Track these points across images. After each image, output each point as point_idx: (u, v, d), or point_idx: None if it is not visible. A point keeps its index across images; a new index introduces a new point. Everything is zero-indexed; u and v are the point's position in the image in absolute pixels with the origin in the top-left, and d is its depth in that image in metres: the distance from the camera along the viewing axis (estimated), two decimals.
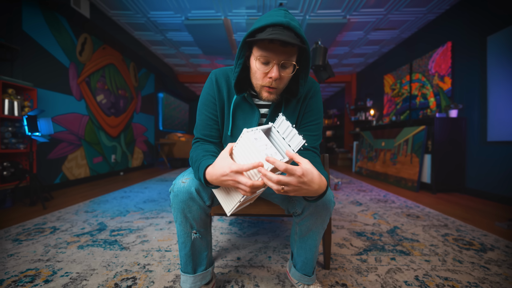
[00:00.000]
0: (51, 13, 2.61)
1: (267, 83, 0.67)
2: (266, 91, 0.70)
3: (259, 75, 0.68)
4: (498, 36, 2.30)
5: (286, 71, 0.67)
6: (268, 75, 0.66)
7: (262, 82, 0.68)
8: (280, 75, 0.66)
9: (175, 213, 0.72)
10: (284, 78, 0.68)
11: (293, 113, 0.79)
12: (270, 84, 0.67)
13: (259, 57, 0.65)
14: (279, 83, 0.68)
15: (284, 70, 0.66)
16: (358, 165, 4.25)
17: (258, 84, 0.70)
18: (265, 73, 0.67)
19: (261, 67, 0.66)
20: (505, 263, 1.09)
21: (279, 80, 0.67)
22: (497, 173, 2.29)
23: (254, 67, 0.68)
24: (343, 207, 2.02)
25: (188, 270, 0.78)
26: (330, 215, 0.74)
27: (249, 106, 0.78)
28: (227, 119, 0.79)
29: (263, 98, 0.72)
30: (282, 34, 0.59)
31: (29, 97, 2.24)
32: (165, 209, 1.93)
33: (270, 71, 0.65)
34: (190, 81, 6.08)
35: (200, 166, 0.65)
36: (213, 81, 0.78)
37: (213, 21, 3.32)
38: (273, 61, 0.64)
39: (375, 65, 4.86)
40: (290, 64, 0.66)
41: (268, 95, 0.70)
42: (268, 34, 0.60)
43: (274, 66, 0.64)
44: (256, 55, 0.65)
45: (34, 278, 0.95)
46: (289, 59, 0.64)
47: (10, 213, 1.79)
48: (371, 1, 2.83)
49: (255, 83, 0.71)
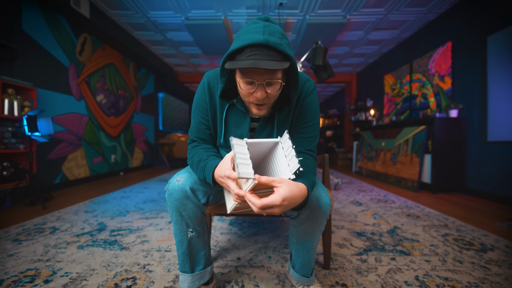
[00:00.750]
0: (51, 13, 2.61)
1: (254, 101, 0.65)
2: (254, 107, 0.68)
3: (245, 94, 0.65)
4: (498, 36, 2.30)
5: (272, 87, 0.63)
6: (253, 95, 0.64)
7: (249, 100, 0.67)
8: (267, 93, 0.63)
9: (171, 212, 0.73)
10: (271, 95, 0.65)
11: (287, 117, 0.76)
12: (258, 102, 0.65)
13: (242, 80, 0.62)
14: (267, 100, 0.66)
15: (270, 87, 0.63)
16: (358, 165, 4.25)
17: (246, 101, 0.69)
18: (250, 93, 0.64)
19: (245, 87, 0.63)
20: (505, 263, 1.09)
21: (266, 98, 0.65)
22: (497, 173, 2.29)
23: (239, 86, 0.65)
24: (343, 207, 2.02)
25: (186, 269, 0.78)
26: (327, 218, 0.73)
27: (241, 112, 0.76)
28: (219, 125, 0.78)
29: (253, 113, 0.70)
30: (261, 54, 0.56)
31: (29, 97, 2.24)
32: (165, 209, 1.93)
33: (255, 91, 0.62)
34: (190, 81, 6.08)
35: (206, 166, 0.66)
36: (205, 86, 0.76)
37: (213, 21, 3.32)
38: (257, 82, 0.61)
39: (375, 65, 4.86)
40: (276, 82, 0.63)
41: (258, 111, 0.69)
42: (247, 56, 0.57)
43: (258, 86, 0.62)
44: (240, 79, 0.63)
45: (34, 278, 0.94)
46: (273, 78, 0.61)
47: (10, 213, 1.79)
48: (371, 1, 2.83)
49: (243, 99, 0.70)
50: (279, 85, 0.64)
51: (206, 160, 0.68)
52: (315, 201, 0.69)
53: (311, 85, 0.77)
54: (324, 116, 8.30)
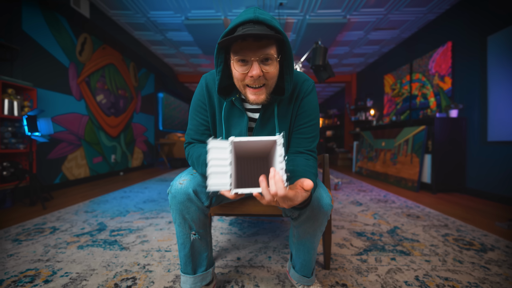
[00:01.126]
0: (51, 13, 2.61)
1: (250, 82, 0.63)
2: (251, 93, 0.65)
3: (240, 76, 0.63)
4: (498, 36, 2.30)
5: (268, 65, 0.62)
6: (249, 75, 0.62)
7: (244, 82, 0.64)
8: (263, 72, 0.62)
9: (174, 214, 0.72)
10: (269, 74, 0.63)
11: (285, 116, 0.75)
12: (253, 83, 0.63)
13: (236, 59, 0.61)
14: (264, 80, 0.64)
15: (265, 65, 0.61)
16: (358, 165, 4.25)
17: (241, 85, 0.66)
18: (244, 74, 0.62)
19: (240, 68, 0.62)
20: (505, 263, 1.09)
21: (263, 78, 0.63)
22: (497, 173, 2.29)
23: (234, 71, 0.64)
24: (343, 207, 2.02)
25: (188, 271, 0.78)
26: (328, 218, 0.73)
27: (238, 111, 0.75)
28: (219, 125, 0.77)
29: (250, 101, 0.67)
30: (252, 29, 0.56)
31: (29, 97, 2.24)
32: (165, 209, 1.93)
33: (250, 69, 0.61)
34: (190, 81, 6.08)
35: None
36: (203, 87, 0.76)
37: (213, 21, 3.32)
38: (251, 59, 0.60)
39: (375, 65, 4.86)
40: (271, 57, 0.61)
41: (255, 97, 0.65)
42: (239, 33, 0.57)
43: (253, 64, 0.60)
44: (234, 58, 0.62)
45: (34, 278, 0.94)
46: (267, 53, 0.60)
47: (10, 213, 1.79)
48: (371, 1, 2.83)
49: (238, 86, 0.67)
50: (275, 61, 0.62)
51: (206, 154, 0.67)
52: (316, 201, 0.69)
53: (310, 84, 0.77)
54: (324, 116, 8.30)
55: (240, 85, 0.66)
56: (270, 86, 0.66)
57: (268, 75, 0.63)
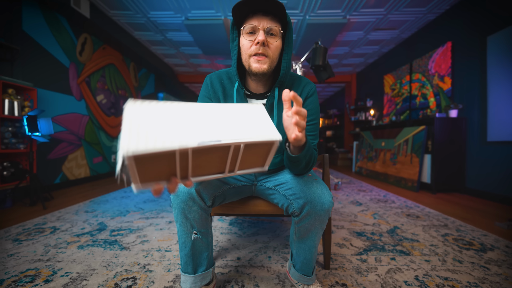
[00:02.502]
0: (51, 13, 2.61)
1: (255, 50, 0.69)
2: (255, 61, 0.70)
3: (247, 45, 0.70)
4: (498, 36, 2.30)
5: (273, 38, 0.70)
6: (255, 41, 0.68)
7: (250, 51, 0.70)
8: (267, 42, 0.69)
9: (176, 214, 0.73)
10: (272, 45, 0.70)
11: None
12: (258, 50, 0.69)
13: (245, 29, 0.69)
14: (268, 51, 0.69)
15: (270, 37, 0.69)
16: (358, 165, 4.25)
17: (247, 55, 0.71)
18: (252, 41, 0.69)
19: (248, 37, 0.70)
20: (505, 263, 1.10)
21: (267, 48, 0.69)
22: (497, 173, 2.29)
23: (242, 41, 0.71)
24: (343, 207, 2.02)
25: (188, 270, 0.78)
26: (329, 216, 0.74)
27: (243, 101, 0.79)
28: None
29: (253, 71, 0.71)
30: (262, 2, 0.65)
31: (29, 97, 2.24)
32: (165, 209, 1.93)
33: (256, 37, 0.68)
34: (190, 81, 6.08)
35: None
36: (208, 84, 0.81)
37: (213, 21, 3.32)
38: (258, 27, 0.68)
39: (375, 65, 4.86)
40: (276, 30, 0.69)
41: (259, 65, 0.70)
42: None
43: (259, 32, 0.68)
44: (244, 29, 0.70)
45: (34, 278, 0.95)
46: (273, 24, 0.68)
47: (10, 213, 1.79)
48: (371, 1, 2.83)
49: (244, 58, 0.72)
50: (278, 36, 0.70)
51: None
52: (317, 198, 0.70)
53: (312, 87, 0.82)
54: (324, 116, 8.30)
55: (246, 56, 0.71)
56: (272, 59, 0.71)
57: (272, 46, 0.70)
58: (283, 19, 0.71)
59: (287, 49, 0.74)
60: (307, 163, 0.70)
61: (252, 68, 0.71)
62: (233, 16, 0.69)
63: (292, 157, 0.65)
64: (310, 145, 0.66)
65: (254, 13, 0.68)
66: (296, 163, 0.68)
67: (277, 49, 0.71)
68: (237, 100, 0.79)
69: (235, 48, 0.74)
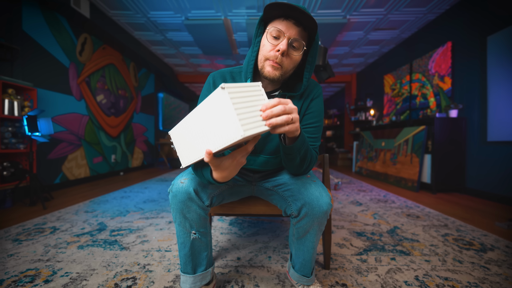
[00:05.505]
0: (51, 13, 2.61)
1: (273, 57, 0.68)
2: (270, 65, 0.69)
3: (268, 47, 0.68)
4: (498, 36, 2.30)
5: (295, 51, 0.68)
6: (276, 48, 0.67)
7: (269, 55, 0.68)
8: (288, 53, 0.67)
9: (174, 214, 0.72)
10: (291, 58, 0.69)
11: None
12: (276, 58, 0.67)
13: (271, 31, 0.67)
14: (285, 61, 0.68)
15: (293, 50, 0.68)
16: (358, 165, 4.25)
17: (264, 56, 0.70)
18: (274, 46, 0.68)
19: (271, 40, 0.68)
20: (505, 263, 1.09)
21: (285, 58, 0.68)
22: (497, 173, 2.29)
23: (264, 41, 0.70)
24: (343, 207, 2.02)
25: (188, 270, 0.78)
26: (327, 217, 0.73)
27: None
28: None
29: (265, 74, 0.70)
30: (298, 11, 0.62)
31: (29, 97, 2.24)
32: (165, 209, 1.93)
33: (280, 43, 0.66)
34: (190, 81, 6.08)
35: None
36: (210, 83, 0.80)
37: (213, 21, 3.32)
38: (284, 35, 0.66)
39: (375, 65, 4.86)
40: (300, 44, 0.67)
41: (272, 70, 0.69)
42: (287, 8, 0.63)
43: (284, 39, 0.66)
44: (269, 30, 0.68)
45: (34, 278, 0.95)
46: (300, 37, 0.67)
47: (10, 213, 1.79)
48: (371, 1, 2.83)
49: (261, 57, 0.71)
50: (301, 50, 0.68)
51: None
52: (315, 200, 0.69)
53: (319, 89, 0.83)
54: (324, 116, 8.29)
55: (263, 57, 0.70)
56: (285, 69, 0.71)
57: (290, 59, 0.69)
58: (312, 36, 0.71)
59: (309, 67, 0.73)
60: (302, 160, 0.68)
61: (264, 71, 0.71)
62: (265, 11, 0.67)
63: (286, 147, 0.64)
64: (305, 138, 0.65)
65: (286, 18, 0.67)
66: (290, 156, 0.66)
67: (294, 63, 0.71)
68: None
69: (257, 45, 0.72)
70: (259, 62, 0.72)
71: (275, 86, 0.79)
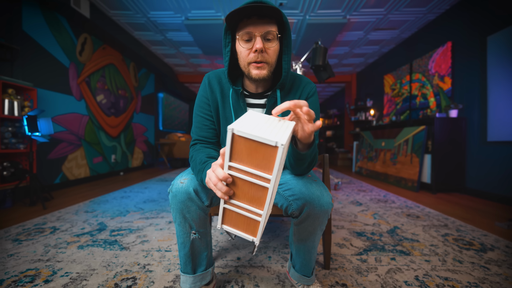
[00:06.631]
0: (51, 13, 2.61)
1: (254, 58, 0.68)
2: (254, 67, 0.69)
3: (244, 53, 0.69)
4: (498, 36, 2.30)
5: (270, 42, 0.68)
6: (253, 49, 0.67)
7: (248, 59, 0.69)
8: (265, 48, 0.67)
9: (174, 214, 0.72)
10: (270, 50, 0.68)
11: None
12: (257, 57, 0.67)
13: (241, 36, 0.67)
14: (266, 57, 0.68)
15: (268, 41, 0.68)
16: (358, 165, 4.25)
17: (245, 63, 0.70)
18: (249, 49, 0.68)
19: (244, 44, 0.68)
20: (505, 263, 1.09)
21: (265, 54, 0.68)
22: (497, 173, 2.29)
23: (239, 49, 0.70)
24: (343, 207, 2.02)
25: (188, 270, 0.78)
26: (328, 217, 0.73)
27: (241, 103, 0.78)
28: (223, 120, 0.80)
29: (254, 77, 0.70)
30: (256, 5, 0.62)
31: (29, 97, 2.24)
32: (165, 209, 1.93)
33: (254, 44, 0.67)
34: (190, 81, 6.08)
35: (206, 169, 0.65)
36: (206, 84, 0.80)
37: (213, 21, 3.32)
38: (255, 34, 0.66)
39: (375, 65, 4.86)
40: (273, 34, 0.67)
41: (258, 71, 0.69)
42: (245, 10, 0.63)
43: (256, 39, 0.66)
44: (239, 36, 0.68)
45: (34, 278, 0.95)
46: (269, 30, 0.66)
47: (10, 213, 1.79)
48: (371, 1, 2.83)
49: (242, 65, 0.71)
50: (276, 39, 0.68)
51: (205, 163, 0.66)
52: (317, 199, 0.69)
53: (313, 87, 0.82)
54: (324, 116, 8.30)
55: (245, 63, 0.70)
56: (271, 64, 0.71)
57: (270, 51, 0.68)
58: (280, 20, 0.69)
59: (286, 50, 0.72)
60: (310, 163, 0.69)
61: (252, 75, 0.71)
62: (226, 21, 0.67)
63: (300, 154, 0.64)
64: (316, 144, 0.66)
65: (248, 18, 0.66)
66: (301, 161, 0.67)
67: (276, 53, 0.70)
68: (234, 100, 0.78)
69: (227, 54, 0.72)
70: (244, 69, 0.72)
71: (266, 86, 0.79)
